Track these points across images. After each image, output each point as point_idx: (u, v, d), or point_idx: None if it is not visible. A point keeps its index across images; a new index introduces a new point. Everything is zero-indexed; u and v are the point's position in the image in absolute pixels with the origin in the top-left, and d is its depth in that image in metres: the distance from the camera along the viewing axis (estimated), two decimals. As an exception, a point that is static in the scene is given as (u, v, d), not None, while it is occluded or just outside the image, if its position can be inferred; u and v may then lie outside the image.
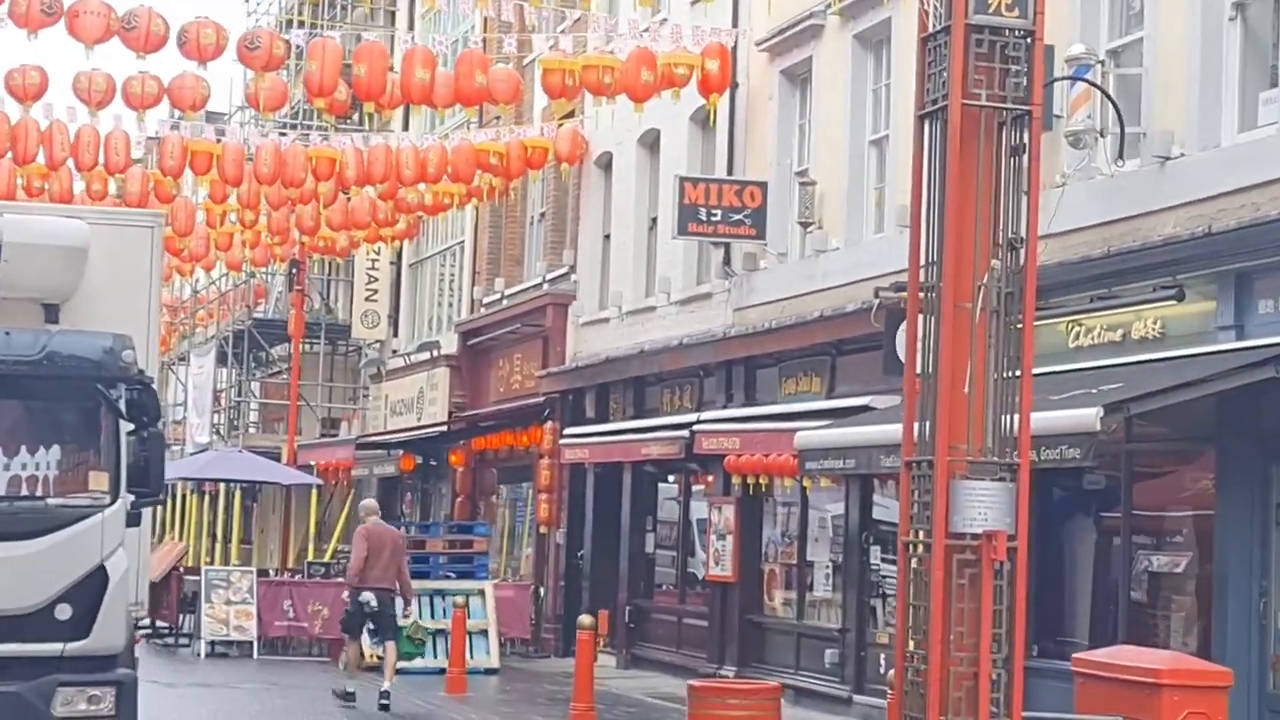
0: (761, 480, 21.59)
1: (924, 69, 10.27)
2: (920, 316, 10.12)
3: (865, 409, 18.77)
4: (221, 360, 40.05)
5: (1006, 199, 10.13)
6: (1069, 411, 13.19)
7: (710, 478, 23.98)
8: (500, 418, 30.97)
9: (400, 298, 37.71)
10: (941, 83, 10.12)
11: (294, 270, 34.04)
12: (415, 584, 24.18)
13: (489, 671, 24.65)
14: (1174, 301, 15.21)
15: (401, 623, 21.03)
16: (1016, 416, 10.04)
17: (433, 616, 24.79)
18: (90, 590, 12.50)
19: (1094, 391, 14.21)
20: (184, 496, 43.92)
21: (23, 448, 12.93)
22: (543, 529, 28.81)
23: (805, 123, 22.69)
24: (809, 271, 21.59)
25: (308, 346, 38.16)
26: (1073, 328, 16.69)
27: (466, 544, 26.22)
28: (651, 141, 26.53)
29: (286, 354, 40.44)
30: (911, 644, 10.03)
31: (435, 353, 33.81)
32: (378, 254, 37.57)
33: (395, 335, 37.76)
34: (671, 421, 24.00)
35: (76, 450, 12.89)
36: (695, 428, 22.86)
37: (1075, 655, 10.74)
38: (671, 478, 25.84)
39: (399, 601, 20.73)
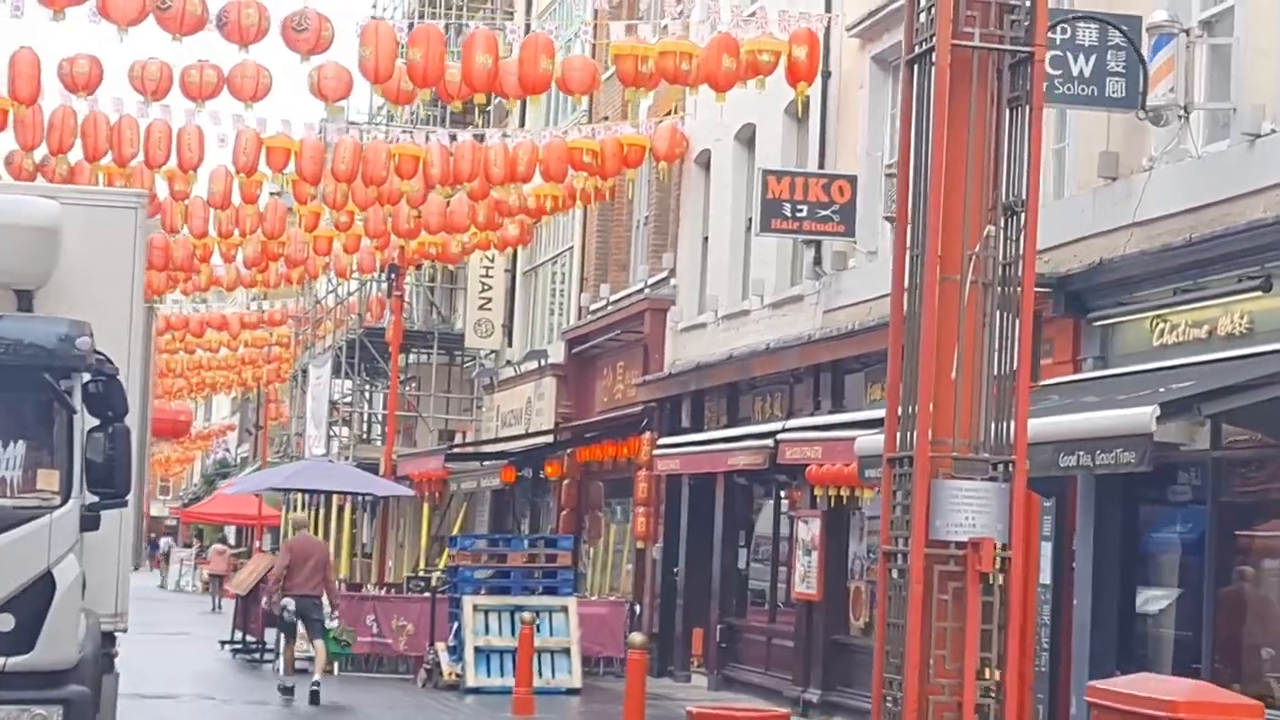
0: (843, 492, 20.19)
1: (913, 5, 8.92)
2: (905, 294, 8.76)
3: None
4: (337, 371, 39.27)
5: (1005, 156, 8.73)
6: (1122, 411, 11.75)
7: (798, 489, 22.63)
8: (603, 428, 29.83)
9: (514, 306, 36.67)
10: (930, 21, 8.76)
11: (392, 276, 33.07)
12: (496, 599, 24.16)
13: (570, 691, 23.46)
14: (1261, 293, 13.68)
15: (330, 625, 22.89)
16: (1014, 408, 8.63)
17: (512, 634, 23.62)
18: (35, 599, 11.50)
19: (1160, 390, 12.73)
20: (312, 509, 43.21)
21: (-35, 443, 11.97)
22: (640, 544, 27.62)
23: (896, 112, 21.28)
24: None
25: (423, 357, 37.24)
26: (1157, 324, 15.21)
27: (550, 558, 25.03)
28: (748, 137, 25.26)
29: (405, 364, 39.61)
30: (890, 668, 8.66)
31: (542, 362, 32.77)
32: (491, 261, 36.58)
33: (510, 344, 36.74)
34: (758, 430, 22.68)
35: (23, 446, 11.86)
36: (780, 436, 21.52)
37: (1091, 684, 9.32)
38: (762, 489, 24.53)
39: (325, 606, 22.63)
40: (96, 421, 12.14)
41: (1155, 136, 15.26)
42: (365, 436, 39.26)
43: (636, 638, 17.90)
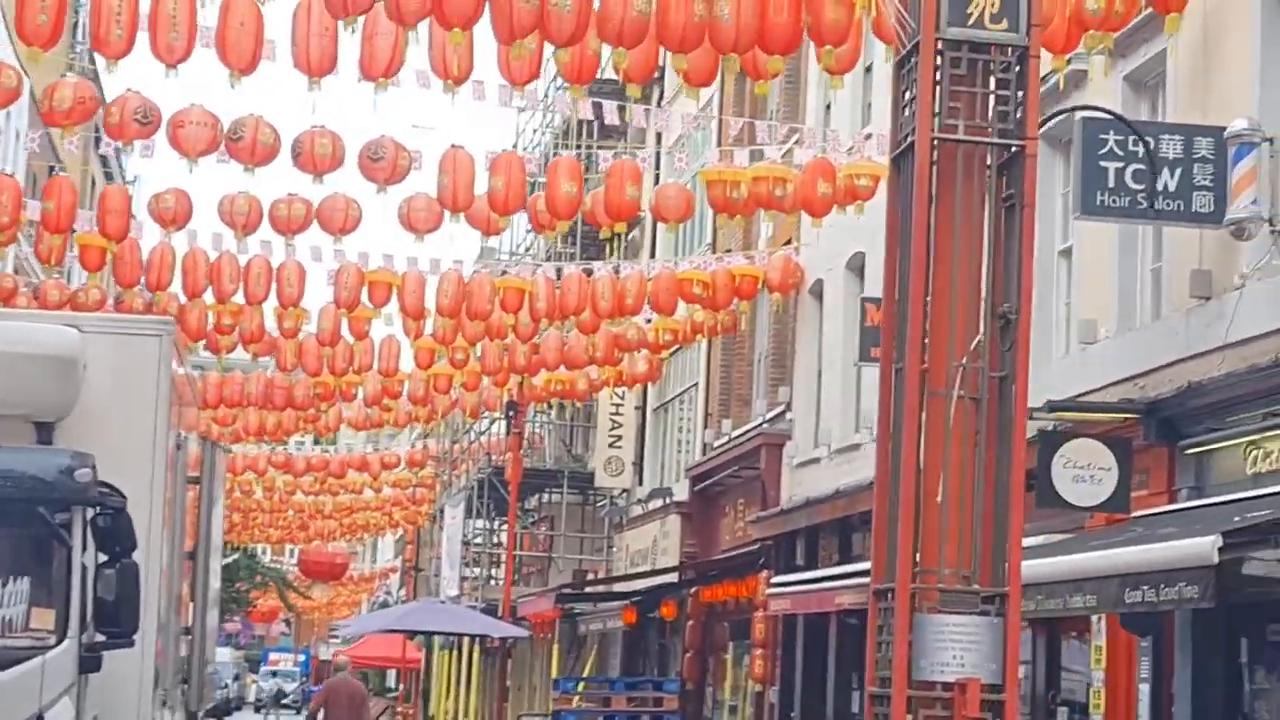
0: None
1: (898, 99, 8.21)
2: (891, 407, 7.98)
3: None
4: (470, 511, 38.83)
5: (1000, 260, 7.96)
6: (1183, 542, 10.80)
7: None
8: (724, 567, 29.01)
9: (645, 443, 36.05)
10: (914, 114, 8.05)
11: (511, 414, 32.61)
12: None
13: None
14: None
15: None
16: (1008, 533, 7.81)
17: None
18: (23, 747, 10.93)
19: (1235, 520, 11.78)
20: (450, 650, 42.70)
21: (-47, 579, 11.52)
22: (758, 686, 26.69)
23: (1000, 235, 20.47)
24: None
25: (552, 497, 36.70)
26: (1250, 450, 14.20)
27: (657, 701, 24.22)
28: (859, 265, 24.53)
29: (539, 504, 39.12)
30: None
31: (667, 500, 32.07)
32: (621, 398, 36.04)
33: (640, 483, 36.09)
34: (864, 567, 21.72)
35: (17, 582, 11.38)
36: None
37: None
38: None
39: None
40: (105, 557, 11.68)
41: (1245, 252, 14.37)
42: (491, 577, 38.73)
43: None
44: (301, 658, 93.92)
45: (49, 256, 22.60)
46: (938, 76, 7.78)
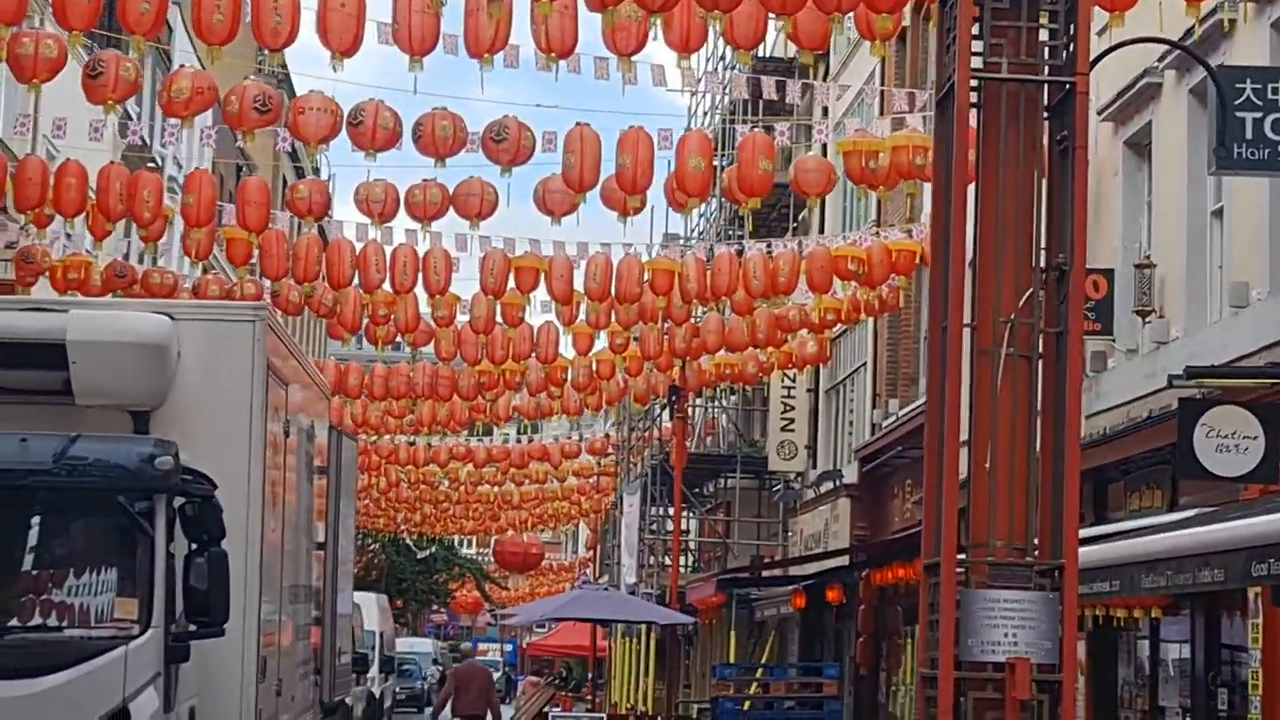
0: (1098, 612, 18.48)
1: (941, 39, 7.69)
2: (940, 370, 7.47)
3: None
4: (646, 498, 38.54)
5: (1047, 208, 7.41)
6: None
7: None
8: (894, 550, 28.35)
9: (818, 426, 35.50)
10: (955, 54, 7.52)
11: (674, 398, 32.19)
12: None
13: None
14: None
15: None
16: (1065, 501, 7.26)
17: (777, 768, 22.40)
18: (109, 737, 10.78)
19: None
20: (632, 638, 42.47)
21: (38, 570, 11.41)
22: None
23: (1154, 199, 19.71)
24: (1149, 367, 18.56)
25: (727, 482, 36.30)
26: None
27: (816, 687, 23.70)
28: (1016, 236, 23.78)
29: (716, 490, 38.74)
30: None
31: (837, 482, 31.50)
32: (793, 381, 35.50)
33: (814, 466, 35.54)
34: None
35: (99, 573, 11.24)
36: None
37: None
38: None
39: None
40: (194, 546, 11.51)
41: None
42: (666, 564, 38.35)
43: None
44: (509, 647, 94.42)
45: (194, 251, 22.66)
46: (979, 12, 7.24)
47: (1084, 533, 18.74)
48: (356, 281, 23.57)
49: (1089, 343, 20.21)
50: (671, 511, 38.66)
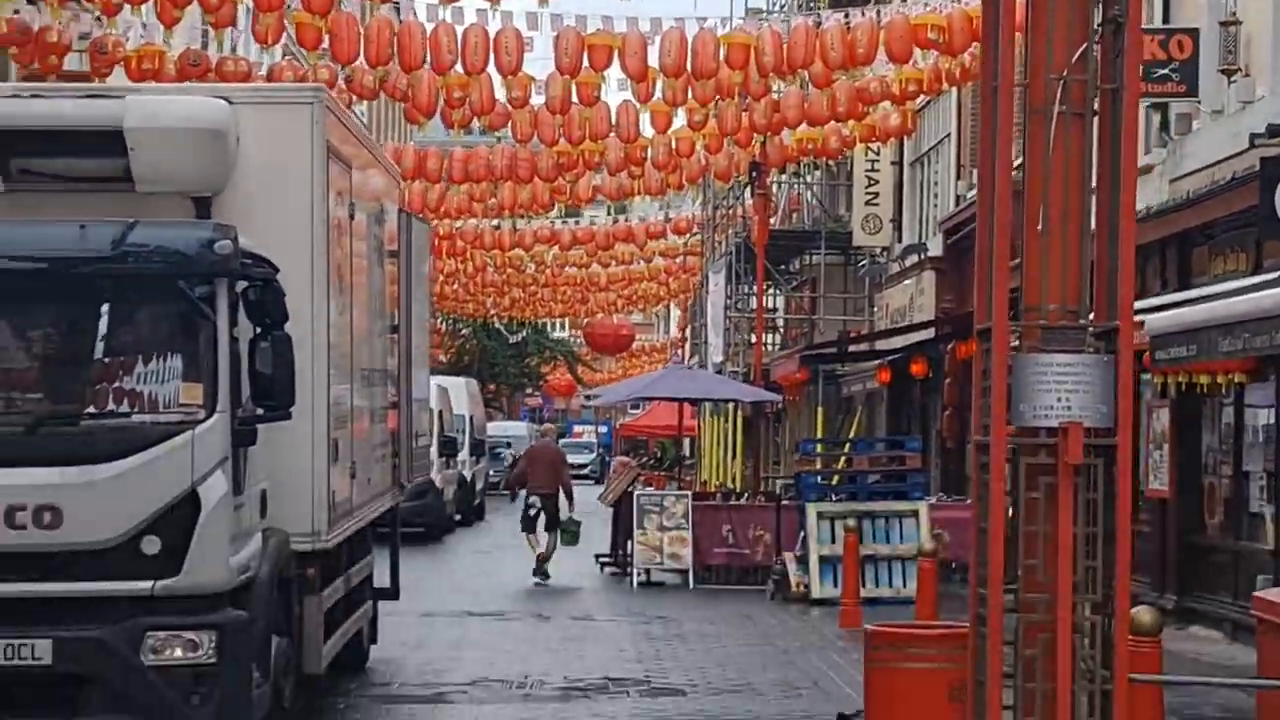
0: (1180, 379, 18.31)
1: None
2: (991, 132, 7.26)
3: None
4: (730, 277, 38.41)
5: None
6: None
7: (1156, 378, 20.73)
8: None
9: (902, 200, 35.15)
10: None
11: (754, 175, 31.86)
12: (841, 506, 23.26)
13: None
14: None
15: (562, 518, 26.21)
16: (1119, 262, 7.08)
17: (861, 540, 22.33)
18: (180, 520, 10.85)
19: None
20: (720, 416, 42.57)
21: (103, 358, 11.43)
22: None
23: (1240, -46, 19.16)
24: (1235, 128, 18.17)
25: (813, 259, 36.07)
26: None
27: (899, 460, 23.67)
28: (1099, -2, 23.24)
29: (802, 267, 38.54)
30: (982, 582, 7.25)
31: (922, 255, 31.23)
32: (877, 154, 35.09)
33: (899, 240, 35.25)
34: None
35: (163, 359, 11.24)
36: (1123, 320, 19.67)
37: (1256, 594, 7.67)
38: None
39: (563, 502, 26.22)
40: (257, 330, 11.51)
41: None
42: (751, 342, 38.26)
43: (925, 544, 16.51)
44: (604, 429, 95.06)
45: (265, 36, 22.46)
46: None
47: (1165, 298, 18.56)
48: (429, 64, 23.34)
49: (1173, 105, 19.86)
50: (754, 290, 38.59)
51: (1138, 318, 17.69)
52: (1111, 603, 6.98)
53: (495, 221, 42.54)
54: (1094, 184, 7.12)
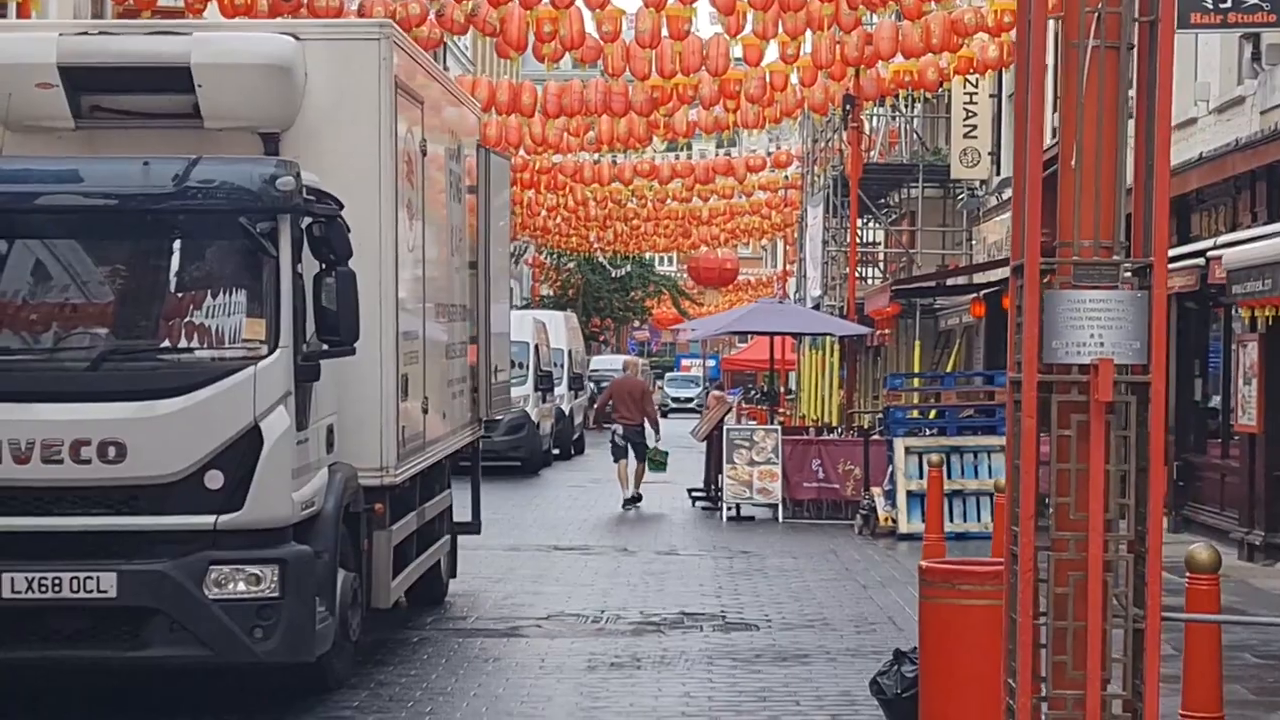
0: (1269, 312, 18.03)
1: None
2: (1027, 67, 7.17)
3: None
4: (830, 210, 38.21)
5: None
6: None
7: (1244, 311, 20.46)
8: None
9: (1000, 132, 34.80)
10: None
11: (849, 108, 31.63)
12: (930, 440, 23.37)
13: (1005, 537, 22.05)
14: None
15: (649, 448, 27.58)
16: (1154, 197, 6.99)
17: (949, 476, 22.26)
18: (243, 454, 10.94)
19: None
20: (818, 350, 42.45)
21: (166, 293, 11.53)
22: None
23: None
24: (1325, 58, 17.87)
25: (911, 192, 35.81)
26: None
27: (989, 395, 23.50)
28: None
29: (901, 200, 38.27)
30: (1015, 519, 7.21)
31: (1018, 188, 30.89)
32: (975, 86, 34.74)
33: (999, 173, 34.92)
34: (1190, 250, 20.60)
35: (226, 295, 11.33)
36: (1210, 254, 19.45)
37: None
38: (1208, 313, 22.40)
39: (649, 432, 27.58)
40: (321, 266, 11.58)
41: None
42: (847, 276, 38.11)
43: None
44: (711, 363, 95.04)
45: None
46: None
47: (1247, 233, 18.30)
48: (517, -1, 23.35)
49: (1265, 35, 19.52)
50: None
51: (1214, 252, 17.53)
52: (1145, 540, 6.92)
53: (595, 155, 42.59)
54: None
